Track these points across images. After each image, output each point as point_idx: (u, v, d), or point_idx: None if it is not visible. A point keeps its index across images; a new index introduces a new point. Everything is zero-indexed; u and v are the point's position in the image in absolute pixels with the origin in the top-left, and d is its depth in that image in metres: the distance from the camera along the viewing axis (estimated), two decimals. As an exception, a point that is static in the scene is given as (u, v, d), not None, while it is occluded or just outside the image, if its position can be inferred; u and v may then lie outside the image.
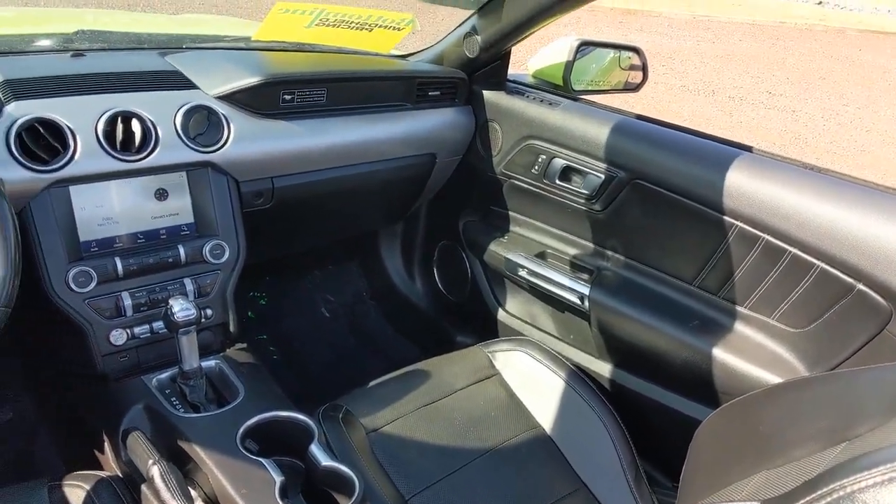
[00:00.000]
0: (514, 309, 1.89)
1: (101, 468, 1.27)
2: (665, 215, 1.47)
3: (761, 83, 8.63)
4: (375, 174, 1.68)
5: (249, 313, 2.18)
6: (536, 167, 1.66)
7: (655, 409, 1.54)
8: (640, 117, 1.57)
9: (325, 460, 1.09)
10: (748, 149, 1.40)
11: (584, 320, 1.66)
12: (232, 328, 1.43)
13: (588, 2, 1.42)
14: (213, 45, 1.72)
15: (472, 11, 1.66)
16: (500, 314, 1.90)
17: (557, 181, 1.63)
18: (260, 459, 1.06)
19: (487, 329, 1.93)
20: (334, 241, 2.24)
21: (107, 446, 1.23)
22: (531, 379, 1.55)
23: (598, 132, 1.54)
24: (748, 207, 1.32)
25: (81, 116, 1.24)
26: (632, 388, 1.60)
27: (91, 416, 1.30)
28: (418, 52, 1.89)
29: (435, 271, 2.11)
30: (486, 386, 1.54)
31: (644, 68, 1.86)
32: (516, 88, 1.75)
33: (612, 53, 1.89)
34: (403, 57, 1.88)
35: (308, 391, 1.91)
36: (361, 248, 2.29)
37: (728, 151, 1.39)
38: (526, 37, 1.60)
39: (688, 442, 0.91)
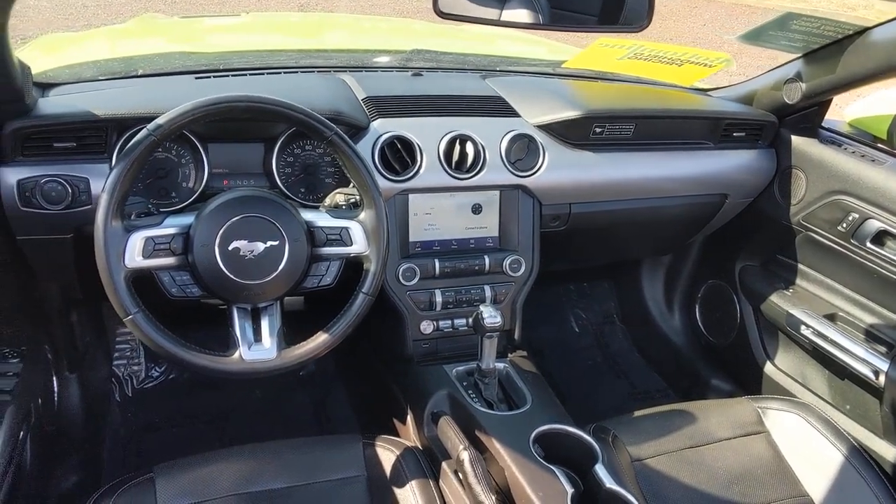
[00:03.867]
0: (784, 365, 1.80)
1: (396, 434, 1.48)
2: None
3: None
4: (664, 209, 1.70)
5: None
6: (844, 225, 1.56)
7: None
8: None
9: (608, 482, 1.16)
10: None
11: (873, 396, 1.53)
12: (516, 335, 1.57)
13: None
14: (524, 70, 1.86)
15: (794, 56, 1.59)
16: (768, 367, 1.82)
17: (868, 244, 1.51)
18: (552, 467, 1.16)
19: (750, 380, 1.86)
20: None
21: (409, 419, 1.43)
22: (804, 445, 1.48)
23: None
24: None
25: (428, 136, 1.44)
26: None
27: (400, 391, 1.51)
28: (721, 87, 1.86)
29: (697, 308, 2.08)
30: (751, 442, 1.50)
31: None
32: (831, 137, 1.65)
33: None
34: (704, 91, 1.87)
35: None
36: (619, 270, 2.32)
37: None
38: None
39: None
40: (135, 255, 1.06)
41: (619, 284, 2.35)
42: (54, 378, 1.55)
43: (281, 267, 1.12)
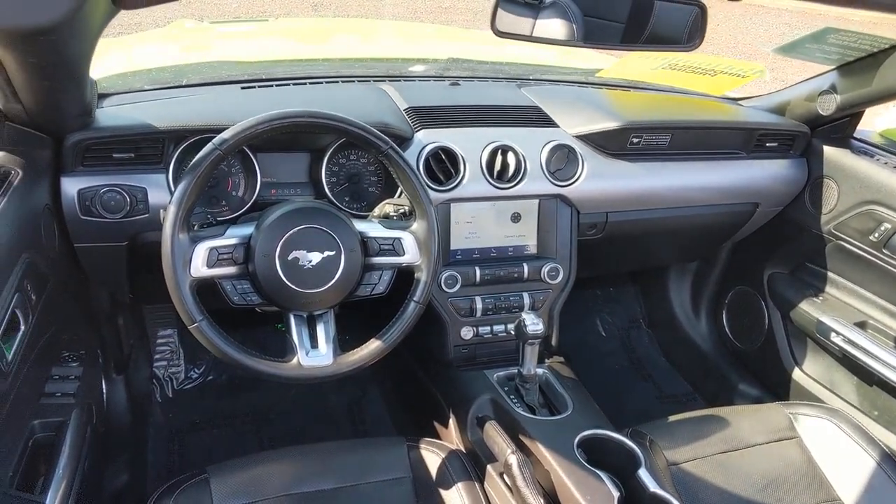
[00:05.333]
0: (812, 371, 1.83)
1: (437, 437, 1.51)
2: None
3: None
4: (696, 218, 1.73)
5: None
6: (876, 234, 1.59)
7: None
8: None
9: (652, 486, 1.19)
10: None
11: None
12: (553, 341, 1.60)
13: None
14: (559, 79, 1.89)
15: (828, 68, 1.62)
16: (796, 373, 1.85)
17: None
18: (597, 471, 1.19)
19: (777, 385, 1.89)
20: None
21: (451, 422, 1.46)
22: (835, 450, 1.51)
23: None
24: None
25: (470, 146, 1.48)
26: None
27: (441, 395, 1.55)
28: (752, 97, 1.89)
29: (724, 314, 2.11)
30: (783, 447, 1.53)
31: None
32: (863, 148, 1.68)
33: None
34: (735, 100, 1.89)
35: None
36: (646, 275, 2.35)
37: None
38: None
39: None
40: (199, 265, 1.10)
41: (645, 289, 2.38)
42: (103, 380, 1.60)
43: (337, 276, 1.16)
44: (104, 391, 1.60)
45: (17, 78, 0.92)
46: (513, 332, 1.56)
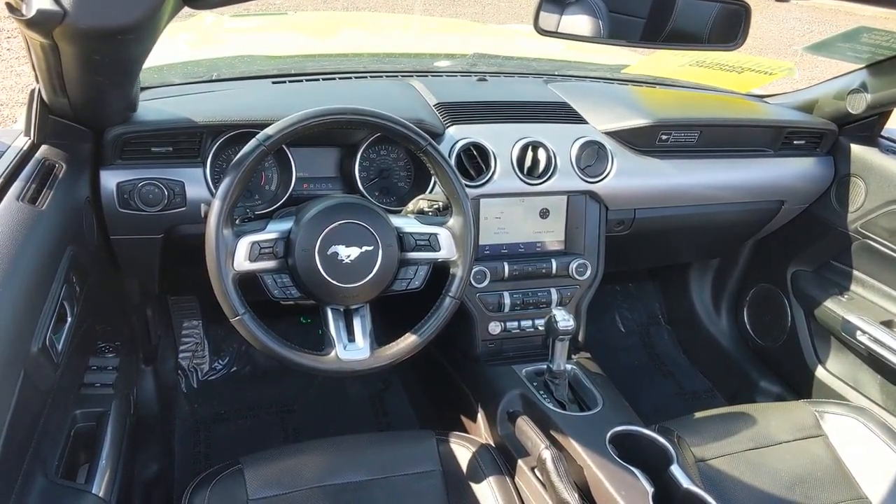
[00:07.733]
0: (835, 369, 1.83)
1: (464, 431, 1.52)
2: None
3: None
4: (722, 215, 1.73)
5: None
6: None
7: None
8: None
9: (686, 483, 1.20)
10: None
11: None
12: (580, 337, 1.61)
13: None
14: (585, 75, 1.89)
15: (858, 66, 1.62)
16: (819, 371, 1.86)
17: None
18: (630, 467, 1.20)
19: (800, 383, 1.89)
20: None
21: (480, 417, 1.47)
22: (862, 449, 1.51)
23: None
24: None
25: (501, 142, 1.48)
26: None
27: (469, 389, 1.56)
28: (777, 94, 1.88)
29: (745, 311, 2.11)
30: (810, 445, 1.54)
31: None
32: (891, 147, 1.68)
33: None
34: (761, 97, 1.89)
35: None
36: (666, 271, 2.35)
37: None
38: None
39: None
40: (242, 259, 1.11)
41: (664, 285, 2.38)
42: (134, 371, 1.62)
43: (374, 271, 1.17)
44: (134, 381, 1.62)
45: (71, 73, 0.93)
46: (540, 328, 1.57)
